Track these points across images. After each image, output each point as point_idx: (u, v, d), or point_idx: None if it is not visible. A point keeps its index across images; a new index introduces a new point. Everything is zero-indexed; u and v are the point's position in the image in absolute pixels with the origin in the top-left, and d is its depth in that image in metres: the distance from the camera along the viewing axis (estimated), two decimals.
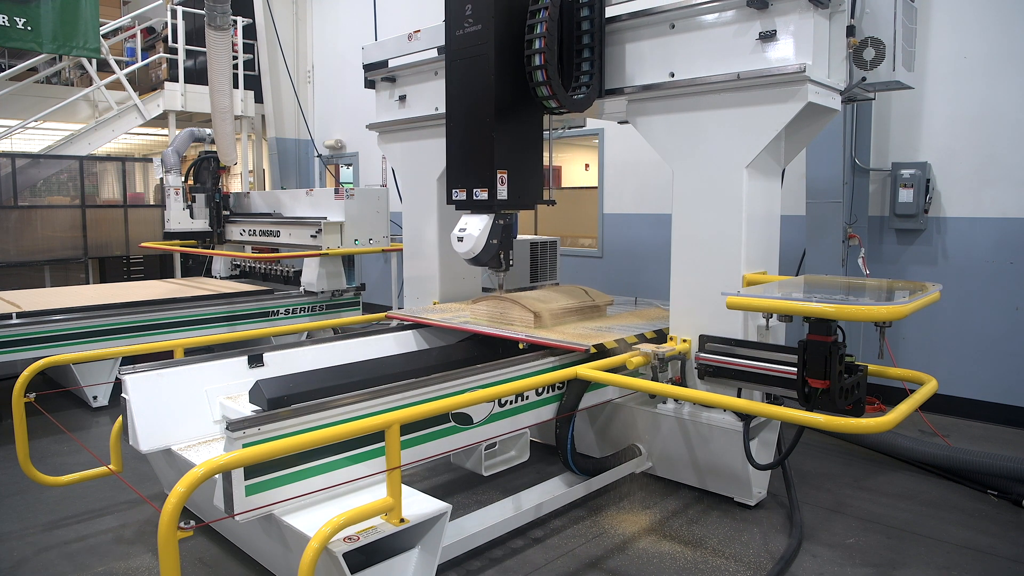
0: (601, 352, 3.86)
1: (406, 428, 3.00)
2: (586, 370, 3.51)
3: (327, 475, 2.96)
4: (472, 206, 4.21)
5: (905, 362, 5.64)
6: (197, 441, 3.61)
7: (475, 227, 4.15)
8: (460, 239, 4.19)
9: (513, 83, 4.07)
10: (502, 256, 4.23)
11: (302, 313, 6.84)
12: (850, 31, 3.90)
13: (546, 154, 4.45)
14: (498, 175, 4.06)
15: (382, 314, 5.18)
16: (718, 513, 3.97)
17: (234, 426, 2.76)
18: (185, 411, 3.64)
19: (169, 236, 7.96)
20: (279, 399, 3.25)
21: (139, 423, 3.50)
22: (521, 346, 4.12)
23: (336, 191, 6.80)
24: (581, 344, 3.87)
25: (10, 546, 3.62)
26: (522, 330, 4.26)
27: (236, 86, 10.09)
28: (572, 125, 5.90)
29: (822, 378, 3.17)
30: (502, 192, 4.09)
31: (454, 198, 4.28)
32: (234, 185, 12.29)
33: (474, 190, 4.14)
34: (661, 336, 4.22)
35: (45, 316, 5.55)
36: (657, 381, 3.71)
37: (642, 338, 4.13)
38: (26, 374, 3.65)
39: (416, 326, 4.76)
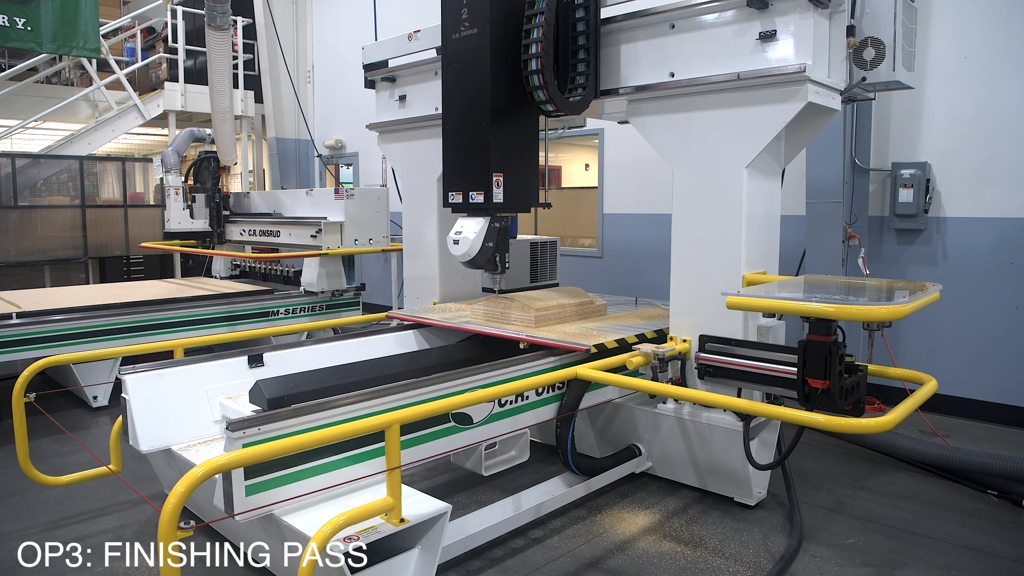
0: (601, 352, 3.86)
1: (406, 428, 3.00)
2: (586, 370, 3.51)
3: (327, 475, 2.96)
4: (468, 209, 4.21)
5: (905, 362, 5.64)
6: (197, 441, 3.62)
7: (471, 230, 4.16)
8: (456, 242, 4.20)
9: (509, 86, 4.07)
10: (498, 259, 4.24)
11: (302, 313, 6.84)
12: (850, 31, 3.91)
13: (542, 154, 4.46)
14: (494, 178, 4.07)
15: (383, 314, 5.18)
16: (718, 513, 3.97)
17: (234, 426, 2.77)
18: (185, 411, 3.64)
19: (169, 236, 7.96)
20: (279, 399, 3.26)
21: (139, 423, 3.50)
22: (522, 346, 4.13)
23: (336, 191, 6.80)
24: (581, 344, 3.87)
25: (10, 546, 3.61)
26: (522, 329, 4.26)
27: (236, 86, 10.08)
28: (572, 125, 5.90)
29: (822, 378, 3.17)
30: (498, 195, 4.10)
31: (450, 201, 4.29)
32: (234, 185, 12.28)
33: (470, 193, 4.15)
34: (661, 336, 4.22)
35: (45, 316, 5.55)
36: (657, 381, 3.71)
37: (642, 338, 4.12)
38: (26, 374, 3.65)
39: (416, 326, 4.76)
